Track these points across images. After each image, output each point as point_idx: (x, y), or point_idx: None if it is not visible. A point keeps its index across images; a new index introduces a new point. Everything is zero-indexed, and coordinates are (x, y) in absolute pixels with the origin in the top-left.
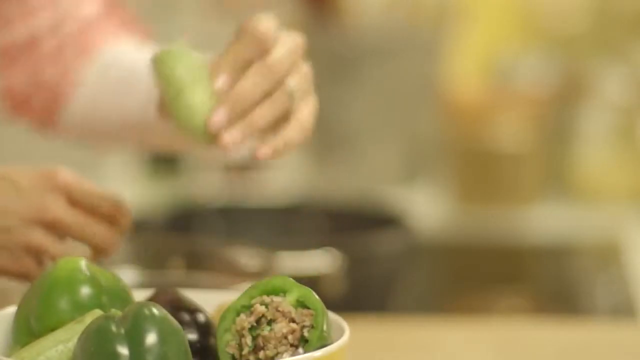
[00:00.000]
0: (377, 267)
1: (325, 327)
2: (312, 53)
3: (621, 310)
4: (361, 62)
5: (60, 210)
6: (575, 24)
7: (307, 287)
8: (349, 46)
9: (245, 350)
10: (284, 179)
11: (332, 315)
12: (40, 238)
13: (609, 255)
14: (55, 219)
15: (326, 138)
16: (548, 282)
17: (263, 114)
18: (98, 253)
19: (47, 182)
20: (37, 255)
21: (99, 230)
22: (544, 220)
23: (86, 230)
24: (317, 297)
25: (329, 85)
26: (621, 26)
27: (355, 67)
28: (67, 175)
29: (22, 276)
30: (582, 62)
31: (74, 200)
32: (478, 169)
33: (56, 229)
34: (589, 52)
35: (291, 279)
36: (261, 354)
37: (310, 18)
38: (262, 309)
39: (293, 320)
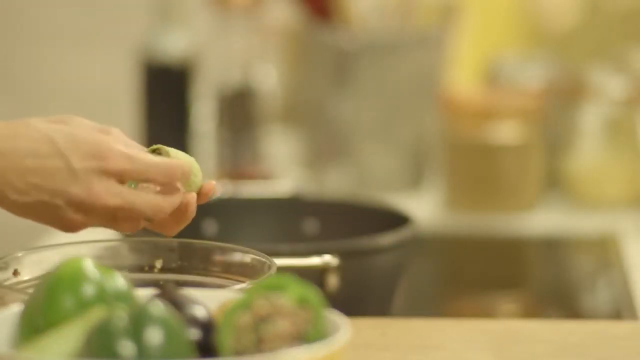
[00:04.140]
0: (377, 266)
1: (325, 325)
2: (312, 54)
3: (621, 309)
4: (361, 62)
5: (107, 196)
6: (575, 24)
7: (307, 285)
8: (349, 47)
9: (247, 348)
10: (284, 179)
11: (332, 314)
12: (85, 221)
13: (608, 254)
14: (102, 205)
15: (326, 138)
16: (548, 282)
17: None
18: (150, 224)
19: (99, 164)
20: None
21: (145, 207)
22: (544, 220)
23: (134, 209)
24: (317, 295)
25: (329, 87)
26: (621, 26)
27: (356, 68)
28: (118, 157)
29: (70, 232)
30: (582, 62)
31: (127, 179)
32: (478, 168)
33: (102, 212)
34: (588, 51)
35: (292, 277)
36: (262, 352)
37: (310, 20)
38: (262, 306)
39: (294, 318)
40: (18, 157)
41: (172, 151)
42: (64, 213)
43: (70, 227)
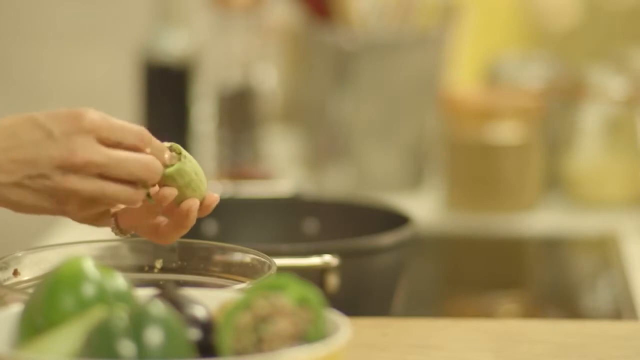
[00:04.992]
0: (377, 266)
1: (325, 325)
2: (312, 54)
3: (621, 309)
4: (361, 62)
5: (88, 152)
6: (575, 24)
7: (307, 285)
8: (349, 47)
9: (247, 348)
10: (283, 179)
11: (332, 314)
12: (74, 182)
13: (608, 254)
14: (86, 161)
15: (326, 138)
16: (548, 282)
17: None
18: (142, 186)
19: (75, 124)
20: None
21: (132, 165)
22: (544, 220)
23: (121, 166)
24: (317, 295)
25: (329, 87)
26: (621, 26)
27: (356, 68)
28: (94, 115)
29: (64, 214)
30: (582, 62)
31: (104, 139)
32: (478, 168)
33: (90, 171)
34: (588, 51)
35: (292, 277)
36: (262, 352)
37: (310, 20)
38: (262, 306)
39: (294, 318)
40: (1, 139)
41: (184, 151)
42: (54, 182)
43: (64, 199)
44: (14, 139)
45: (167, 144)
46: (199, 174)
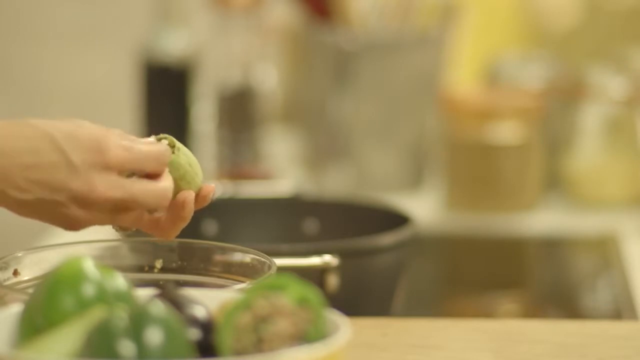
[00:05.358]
0: (377, 266)
1: (325, 325)
2: (312, 54)
3: (621, 309)
4: (361, 62)
5: (109, 191)
6: (575, 24)
7: (307, 285)
8: (349, 47)
9: (247, 348)
10: (283, 179)
11: (332, 314)
12: (87, 215)
13: (608, 254)
14: (105, 199)
15: (326, 138)
16: (548, 282)
17: None
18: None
19: (97, 158)
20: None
21: (147, 196)
22: (544, 220)
23: (137, 200)
24: (317, 295)
25: (329, 87)
26: (621, 26)
27: (356, 68)
28: (117, 150)
29: (74, 231)
30: (582, 62)
31: (125, 170)
32: (478, 168)
33: (107, 207)
34: (588, 51)
35: (292, 277)
36: (262, 352)
37: (310, 20)
38: (262, 306)
39: (294, 318)
40: (17, 155)
41: (178, 143)
42: (67, 210)
43: (73, 224)
44: (32, 157)
45: (159, 136)
46: (194, 165)
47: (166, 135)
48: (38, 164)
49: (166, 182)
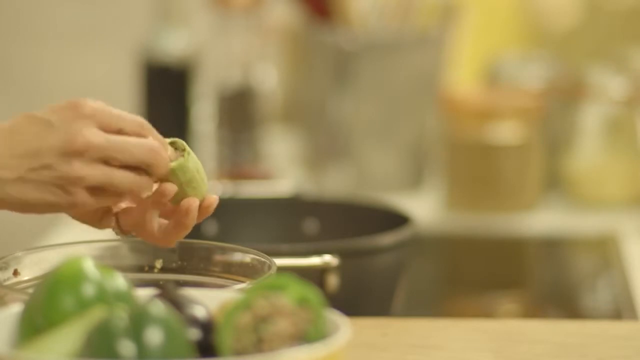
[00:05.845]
0: (377, 266)
1: (325, 325)
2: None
3: (621, 309)
4: (361, 62)
5: (88, 135)
6: (575, 24)
7: (307, 285)
8: (349, 47)
9: (247, 348)
10: (283, 179)
11: (332, 314)
12: (79, 169)
13: (608, 254)
14: (86, 144)
15: (326, 138)
16: (548, 282)
17: None
18: (148, 169)
19: (74, 112)
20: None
21: (137, 148)
22: (544, 220)
23: (125, 149)
24: (317, 295)
25: (329, 87)
26: (621, 26)
27: (356, 68)
28: (93, 103)
29: (73, 206)
30: (582, 62)
31: (104, 125)
32: (478, 168)
33: (92, 154)
34: (588, 51)
35: (292, 277)
36: (262, 352)
37: (310, 20)
38: (262, 306)
39: (293, 318)
40: (2, 139)
41: (188, 148)
42: (58, 171)
43: (69, 190)
44: (13, 137)
45: (170, 140)
46: (201, 172)
47: (176, 139)
48: (19, 140)
49: (154, 141)
